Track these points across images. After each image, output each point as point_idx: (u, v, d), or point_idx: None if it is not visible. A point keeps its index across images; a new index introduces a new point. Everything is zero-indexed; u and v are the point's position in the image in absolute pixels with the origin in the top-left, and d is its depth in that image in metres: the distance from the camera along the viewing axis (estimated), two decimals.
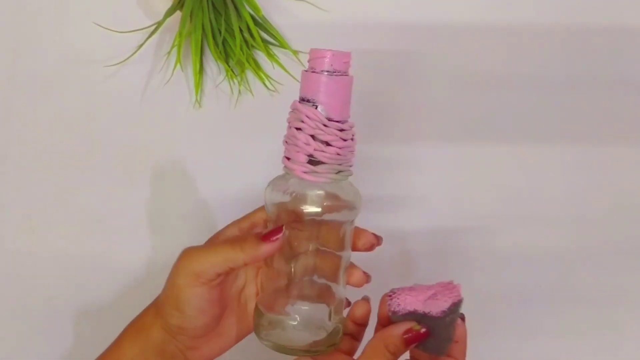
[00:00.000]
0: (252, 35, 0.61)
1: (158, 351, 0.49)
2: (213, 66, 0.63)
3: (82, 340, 0.63)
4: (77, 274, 0.63)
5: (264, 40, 0.62)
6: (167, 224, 0.63)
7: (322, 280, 0.48)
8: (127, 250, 0.63)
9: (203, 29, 0.60)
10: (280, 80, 0.62)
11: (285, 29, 0.63)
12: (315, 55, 0.45)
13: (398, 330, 0.46)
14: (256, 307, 0.49)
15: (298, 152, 0.45)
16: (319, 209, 0.46)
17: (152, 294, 0.56)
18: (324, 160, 0.45)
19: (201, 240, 0.60)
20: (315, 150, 0.45)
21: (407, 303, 0.47)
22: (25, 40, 0.64)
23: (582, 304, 0.63)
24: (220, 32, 0.60)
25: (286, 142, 0.46)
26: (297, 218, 0.46)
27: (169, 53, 0.62)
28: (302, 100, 0.45)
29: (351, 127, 0.46)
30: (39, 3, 0.64)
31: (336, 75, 0.45)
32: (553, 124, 0.64)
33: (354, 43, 0.63)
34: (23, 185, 0.63)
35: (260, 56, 0.63)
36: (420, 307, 0.46)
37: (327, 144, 0.45)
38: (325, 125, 0.44)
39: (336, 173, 0.45)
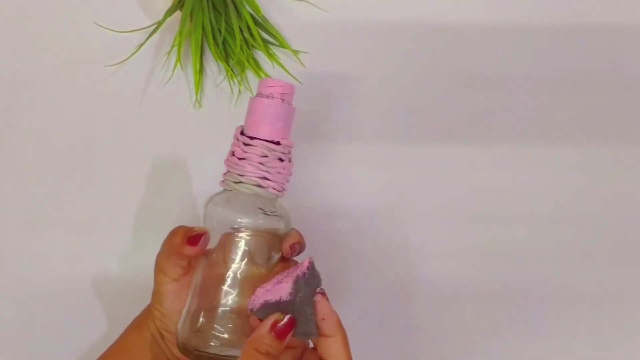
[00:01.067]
0: (252, 35, 0.61)
1: (150, 347, 0.51)
2: (213, 66, 0.63)
3: (82, 340, 0.63)
4: (77, 273, 0.63)
5: (264, 40, 0.62)
6: (167, 224, 0.63)
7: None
8: (128, 250, 0.63)
9: (203, 29, 0.60)
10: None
11: (286, 29, 0.63)
12: (262, 83, 0.50)
13: (264, 328, 0.44)
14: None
15: (231, 173, 0.50)
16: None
17: (151, 292, 0.56)
18: (242, 172, 0.49)
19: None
20: (235, 163, 0.49)
21: (258, 297, 0.45)
22: (25, 40, 0.64)
23: (582, 304, 0.63)
24: (220, 32, 0.60)
25: (228, 166, 0.50)
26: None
27: (169, 53, 0.62)
28: (243, 132, 0.50)
29: (290, 150, 0.50)
30: (39, 3, 0.64)
31: (278, 99, 0.49)
32: (553, 123, 0.64)
33: (354, 43, 0.63)
34: (23, 185, 0.63)
35: (261, 56, 0.63)
36: (269, 296, 0.45)
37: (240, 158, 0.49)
38: (237, 139, 0.50)
39: (235, 182, 0.49)
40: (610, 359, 0.63)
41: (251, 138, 0.49)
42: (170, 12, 0.61)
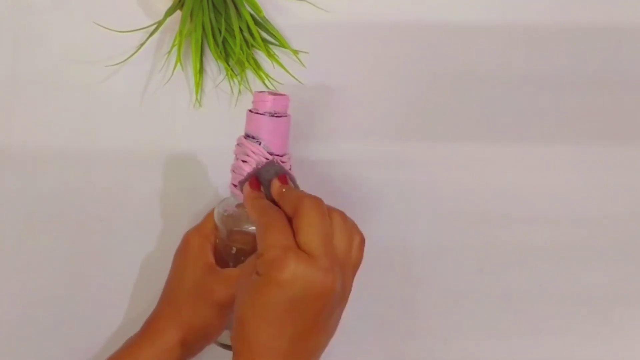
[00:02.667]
0: (252, 34, 0.61)
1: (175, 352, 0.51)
2: (213, 66, 0.63)
3: (82, 341, 0.63)
4: (78, 273, 0.63)
5: (264, 40, 0.62)
6: (167, 223, 0.63)
7: None
8: (128, 250, 0.63)
9: (203, 29, 0.60)
10: (280, 80, 0.62)
11: (286, 29, 0.63)
12: (258, 99, 0.52)
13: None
14: None
15: (243, 180, 0.52)
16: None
17: (153, 293, 0.56)
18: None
19: None
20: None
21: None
22: (25, 39, 0.64)
23: (582, 304, 0.63)
24: (220, 32, 0.60)
25: (233, 171, 0.53)
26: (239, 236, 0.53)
27: (169, 52, 0.62)
28: (247, 136, 0.52)
29: (289, 158, 0.53)
30: (39, 3, 0.64)
31: (277, 116, 0.52)
32: (553, 123, 0.64)
33: (354, 43, 0.63)
34: (23, 184, 0.63)
35: (261, 56, 0.63)
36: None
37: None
38: (266, 159, 0.51)
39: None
40: (611, 359, 0.63)
41: (280, 155, 0.52)
42: (170, 12, 0.61)
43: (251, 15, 0.61)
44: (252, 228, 0.51)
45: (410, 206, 0.63)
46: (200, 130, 0.63)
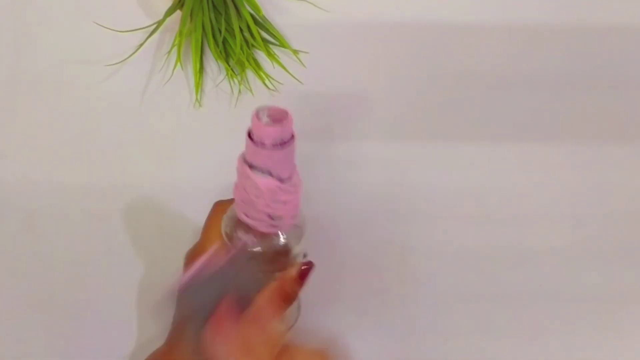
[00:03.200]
0: (252, 34, 0.61)
1: None
2: (213, 65, 0.63)
3: (82, 341, 0.63)
4: (78, 273, 0.63)
5: (264, 40, 0.62)
6: (167, 223, 0.63)
7: None
8: (128, 250, 0.63)
9: (203, 29, 0.60)
10: (281, 80, 0.62)
11: (286, 29, 0.63)
12: (262, 132, 0.45)
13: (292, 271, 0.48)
14: None
15: (258, 212, 0.47)
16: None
17: (153, 295, 0.56)
18: (283, 215, 0.48)
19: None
20: (275, 210, 0.47)
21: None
22: (25, 39, 0.64)
23: (582, 304, 0.63)
24: (220, 32, 0.60)
25: (242, 201, 0.48)
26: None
27: (169, 52, 0.62)
28: (252, 167, 0.46)
29: (298, 178, 0.48)
30: (39, 2, 0.64)
31: (283, 145, 0.45)
32: (553, 123, 0.64)
33: (354, 43, 0.63)
34: (23, 184, 0.63)
35: (261, 56, 0.63)
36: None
37: (284, 202, 0.47)
38: (280, 189, 0.46)
39: (292, 218, 0.49)
40: (611, 359, 0.63)
41: (290, 178, 0.48)
42: (170, 11, 0.61)
43: (251, 15, 0.61)
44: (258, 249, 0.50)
45: (410, 206, 0.63)
46: (200, 130, 0.63)
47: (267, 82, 0.62)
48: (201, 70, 0.62)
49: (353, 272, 0.63)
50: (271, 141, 0.44)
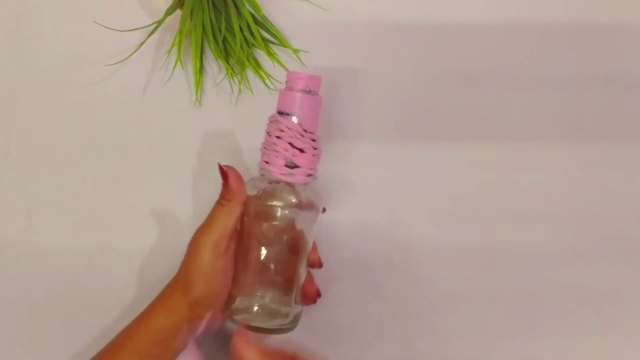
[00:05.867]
0: (252, 33, 0.61)
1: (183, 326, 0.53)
2: (213, 65, 0.63)
3: (82, 338, 0.62)
4: (77, 272, 0.63)
5: (264, 39, 0.62)
6: (167, 223, 0.63)
7: (289, 270, 0.54)
8: (127, 249, 0.63)
9: (203, 28, 0.60)
10: (281, 79, 0.62)
11: (286, 28, 0.63)
12: (293, 77, 0.53)
13: None
14: (229, 293, 0.54)
15: (277, 156, 0.53)
16: (292, 205, 0.53)
17: (153, 293, 0.56)
18: (299, 164, 0.53)
19: None
20: (292, 155, 0.53)
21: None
22: (25, 39, 0.64)
23: (582, 304, 0.63)
24: (220, 31, 0.60)
25: (265, 148, 0.54)
26: (271, 213, 0.53)
27: (169, 52, 0.62)
28: (281, 113, 0.53)
29: (319, 140, 0.54)
30: (39, 2, 0.64)
31: (311, 94, 0.53)
32: (553, 123, 0.64)
33: (354, 42, 0.63)
34: (23, 183, 0.63)
35: (261, 55, 0.63)
36: None
37: (302, 150, 0.53)
38: (301, 135, 0.53)
39: (307, 176, 0.53)
40: (611, 358, 0.63)
41: (313, 134, 0.54)
42: (170, 11, 0.61)
43: (251, 14, 0.61)
44: (281, 203, 0.53)
45: (410, 206, 0.63)
46: (200, 129, 0.63)
47: (267, 81, 0.62)
48: (201, 69, 0.62)
49: (353, 272, 0.62)
50: (300, 86, 0.53)
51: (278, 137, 0.53)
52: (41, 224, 0.63)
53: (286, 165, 0.53)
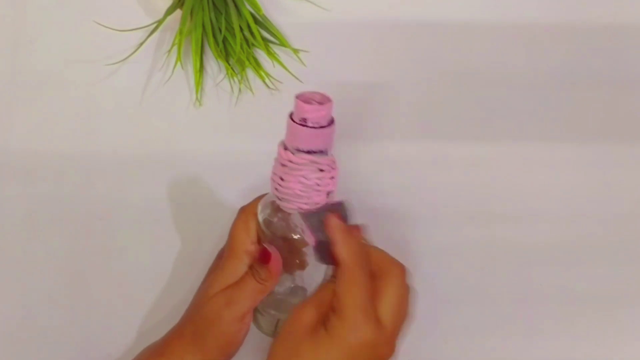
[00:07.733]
0: (252, 33, 0.61)
1: None
2: (213, 64, 0.63)
3: (82, 340, 0.62)
4: (77, 273, 0.63)
5: (264, 39, 0.62)
6: (167, 223, 0.63)
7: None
8: (128, 249, 0.63)
9: (203, 28, 0.60)
10: (281, 79, 0.62)
11: (286, 28, 0.63)
12: (312, 113, 0.45)
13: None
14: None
15: (319, 193, 0.48)
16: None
17: (153, 294, 0.56)
18: (334, 189, 0.49)
19: (202, 239, 0.60)
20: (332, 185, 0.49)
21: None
22: (25, 39, 0.64)
23: (582, 303, 0.63)
24: (220, 31, 0.60)
25: (299, 192, 0.48)
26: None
27: (169, 51, 0.62)
28: (311, 152, 0.46)
29: (329, 173, 0.49)
30: (39, 2, 0.64)
31: (332, 122, 0.46)
32: (553, 122, 0.64)
33: (354, 41, 0.63)
34: (23, 183, 0.63)
35: (261, 55, 0.63)
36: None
37: (332, 177, 0.48)
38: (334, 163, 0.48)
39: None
40: (610, 359, 0.63)
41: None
42: (170, 10, 0.61)
43: (251, 14, 0.61)
44: (297, 236, 0.50)
45: (410, 206, 0.63)
46: (200, 129, 0.63)
47: (267, 81, 0.62)
48: (201, 69, 0.62)
49: None
50: (324, 120, 0.45)
51: (320, 174, 0.47)
52: (41, 223, 0.63)
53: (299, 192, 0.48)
